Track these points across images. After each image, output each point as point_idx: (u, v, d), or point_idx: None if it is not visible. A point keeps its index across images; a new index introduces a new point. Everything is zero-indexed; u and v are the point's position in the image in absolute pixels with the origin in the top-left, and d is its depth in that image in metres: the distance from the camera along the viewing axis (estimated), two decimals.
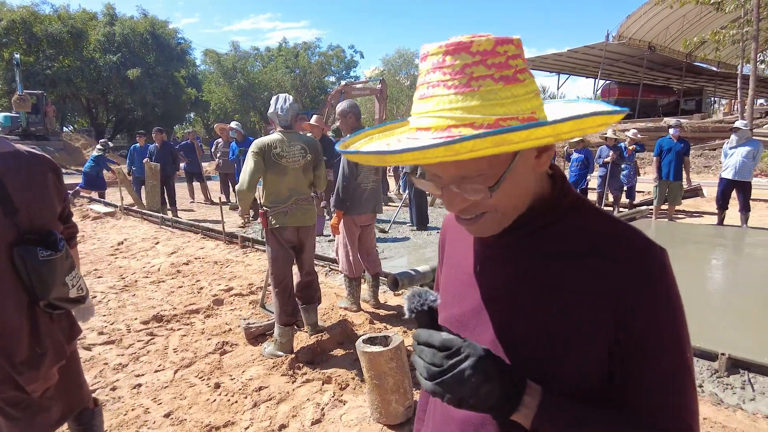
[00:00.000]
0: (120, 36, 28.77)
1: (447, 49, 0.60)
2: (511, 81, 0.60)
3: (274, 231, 3.33)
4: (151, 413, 2.76)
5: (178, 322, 4.04)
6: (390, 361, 2.47)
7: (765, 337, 3.33)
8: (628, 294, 0.63)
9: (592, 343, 0.65)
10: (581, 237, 0.69)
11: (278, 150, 3.28)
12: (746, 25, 16.30)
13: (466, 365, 0.60)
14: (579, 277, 0.66)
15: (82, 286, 1.82)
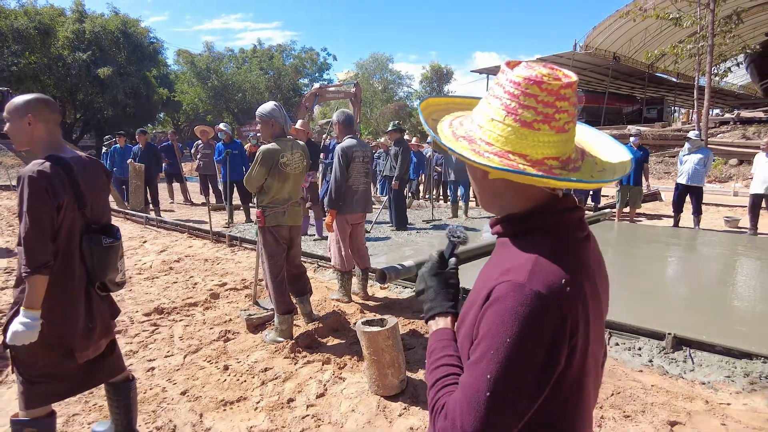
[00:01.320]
0: (90, 33, 28.18)
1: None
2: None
3: (271, 229, 3.63)
4: (168, 392, 3.04)
5: (179, 314, 4.30)
6: (387, 339, 2.84)
7: (704, 319, 3.85)
8: (485, 304, 0.80)
9: (471, 319, 0.84)
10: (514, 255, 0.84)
11: (284, 159, 3.56)
12: (702, 40, 17.32)
13: (421, 271, 1.06)
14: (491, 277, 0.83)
15: (125, 272, 2.17)
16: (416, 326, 3.89)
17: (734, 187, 14.22)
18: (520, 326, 0.73)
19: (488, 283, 0.82)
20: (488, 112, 0.83)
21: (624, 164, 0.87)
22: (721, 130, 19.86)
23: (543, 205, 0.87)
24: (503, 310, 0.75)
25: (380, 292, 4.83)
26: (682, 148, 8.55)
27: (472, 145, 0.83)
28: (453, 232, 1.05)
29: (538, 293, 0.75)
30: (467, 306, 0.89)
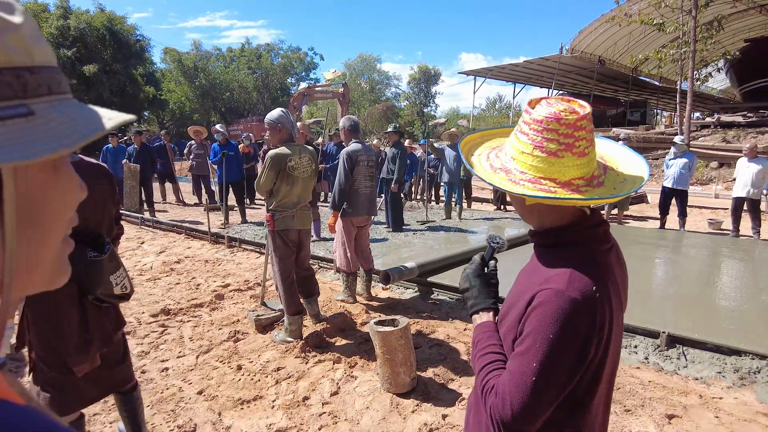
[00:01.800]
0: (75, 30, 27.87)
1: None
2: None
3: (280, 233, 3.73)
4: (185, 391, 3.12)
5: (186, 315, 4.37)
6: (400, 339, 2.96)
7: (695, 318, 4.05)
8: (529, 306, 0.96)
9: (513, 318, 1.02)
10: (551, 264, 1.00)
11: (293, 163, 3.65)
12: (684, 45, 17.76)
13: (467, 271, 1.21)
14: (533, 283, 1.00)
15: (126, 284, 2.06)
16: (421, 326, 4.02)
17: (715, 190, 14.65)
18: (561, 325, 0.90)
19: (531, 288, 0.98)
20: (519, 146, 0.99)
21: (642, 173, 1.03)
22: (702, 134, 20.38)
23: (575, 220, 1.04)
24: (546, 313, 0.92)
25: (383, 292, 4.95)
26: (667, 151, 8.83)
27: (509, 175, 0.99)
28: (493, 239, 1.20)
29: (574, 299, 0.91)
30: (509, 304, 1.07)
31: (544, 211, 1.05)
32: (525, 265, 1.18)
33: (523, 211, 1.09)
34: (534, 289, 0.96)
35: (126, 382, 2.34)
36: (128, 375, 2.36)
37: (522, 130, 0.98)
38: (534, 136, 0.95)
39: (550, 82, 29.10)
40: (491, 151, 1.11)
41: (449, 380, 3.19)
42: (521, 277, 1.12)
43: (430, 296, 4.80)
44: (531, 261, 1.12)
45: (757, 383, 3.11)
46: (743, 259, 6.50)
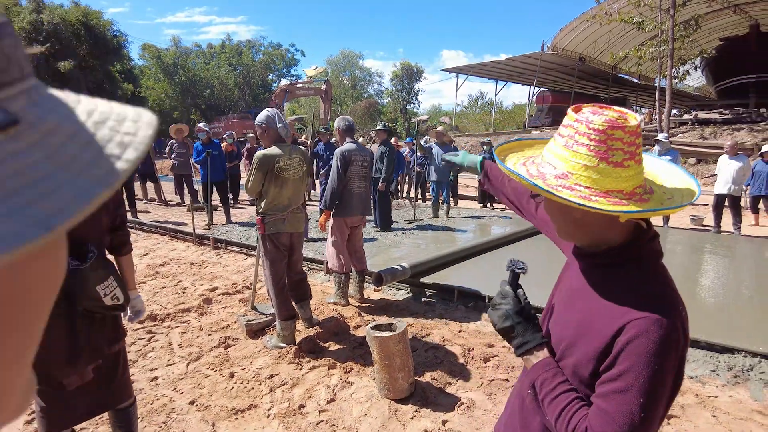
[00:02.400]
0: (48, 25, 27.02)
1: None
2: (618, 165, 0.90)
3: (271, 236, 3.64)
4: (176, 401, 3.02)
5: (174, 321, 4.25)
6: (398, 344, 2.91)
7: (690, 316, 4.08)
8: (618, 336, 0.87)
9: (588, 348, 0.92)
10: (626, 283, 0.93)
11: (281, 164, 3.56)
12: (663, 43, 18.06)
13: (504, 308, 1.06)
14: (606, 307, 0.92)
15: (117, 295, 1.95)
16: (416, 328, 3.98)
17: None
18: (664, 356, 0.85)
19: (608, 317, 0.91)
20: (578, 160, 0.90)
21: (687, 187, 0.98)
22: (680, 131, 20.75)
23: (637, 235, 0.97)
24: (648, 345, 0.85)
25: (375, 294, 4.89)
26: (647, 148, 8.94)
27: (574, 192, 0.90)
28: (516, 264, 1.10)
29: (673, 325, 0.86)
30: (570, 334, 0.98)
31: (602, 227, 0.96)
32: (564, 285, 1.11)
33: (575, 227, 0.98)
34: (618, 319, 0.89)
35: (123, 399, 2.20)
36: (125, 391, 2.22)
37: (579, 141, 0.90)
38: (597, 147, 0.88)
39: (532, 79, 29.35)
40: (527, 159, 1.04)
41: (447, 384, 3.15)
42: (576, 301, 1.02)
43: (422, 297, 4.77)
44: (576, 282, 1.04)
45: (750, 381, 3.14)
46: (726, 255, 6.62)
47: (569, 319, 1.01)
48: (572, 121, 0.92)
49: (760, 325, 3.92)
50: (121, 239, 2.14)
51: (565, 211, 0.97)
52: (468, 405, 2.90)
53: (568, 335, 0.99)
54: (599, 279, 0.99)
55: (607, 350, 0.89)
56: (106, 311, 1.98)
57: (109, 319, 2.06)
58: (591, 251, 1.01)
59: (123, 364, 2.20)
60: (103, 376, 2.08)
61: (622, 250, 0.96)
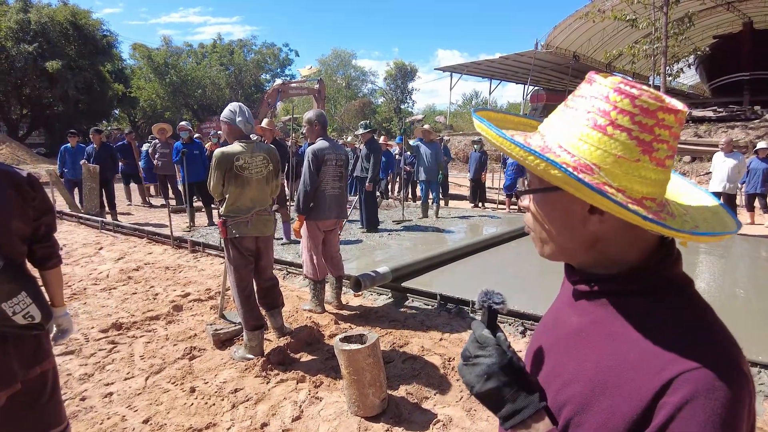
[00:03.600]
0: (36, 24, 26.62)
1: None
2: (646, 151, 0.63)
3: (233, 240, 3.40)
4: (129, 420, 2.78)
5: (139, 329, 4.01)
6: (368, 357, 2.68)
7: None
8: (661, 398, 0.60)
9: (614, 414, 0.63)
10: (656, 323, 0.66)
11: (241, 162, 3.34)
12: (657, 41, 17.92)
13: (485, 362, 0.71)
14: (634, 355, 0.65)
15: (31, 313, 1.71)
16: (394, 337, 3.75)
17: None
18: (738, 418, 0.58)
19: (648, 368, 0.62)
20: (612, 150, 0.63)
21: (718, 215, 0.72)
22: None
23: (661, 255, 0.70)
24: (713, 408, 0.57)
25: (354, 300, 4.66)
26: None
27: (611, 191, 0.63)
28: (491, 298, 0.77)
29: (739, 372, 0.60)
30: (588, 395, 0.67)
31: (621, 244, 0.69)
32: (555, 321, 0.82)
33: (568, 242, 0.72)
34: (660, 372, 0.60)
35: (50, 426, 1.92)
36: (55, 418, 1.93)
37: (618, 123, 0.63)
38: (642, 135, 0.62)
39: (526, 78, 29.19)
40: (518, 134, 0.74)
41: (423, 399, 2.92)
42: (579, 345, 0.73)
43: (404, 303, 4.53)
44: (575, 318, 0.77)
45: None
46: (723, 256, 6.42)
47: (574, 371, 0.71)
48: (606, 90, 0.64)
49: (758, 332, 3.72)
50: (46, 251, 1.86)
51: (572, 220, 0.70)
52: (444, 423, 2.68)
53: (575, 395, 0.69)
54: (614, 313, 0.70)
55: (646, 415, 0.60)
56: (18, 331, 1.73)
57: (27, 340, 1.81)
58: (597, 274, 0.73)
59: (51, 388, 1.94)
60: (23, 403, 1.82)
61: (646, 274, 0.69)
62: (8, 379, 1.71)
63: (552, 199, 0.71)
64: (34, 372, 1.83)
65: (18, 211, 1.72)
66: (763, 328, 3.78)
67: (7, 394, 1.73)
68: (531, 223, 0.77)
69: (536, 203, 0.74)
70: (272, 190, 3.63)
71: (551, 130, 0.70)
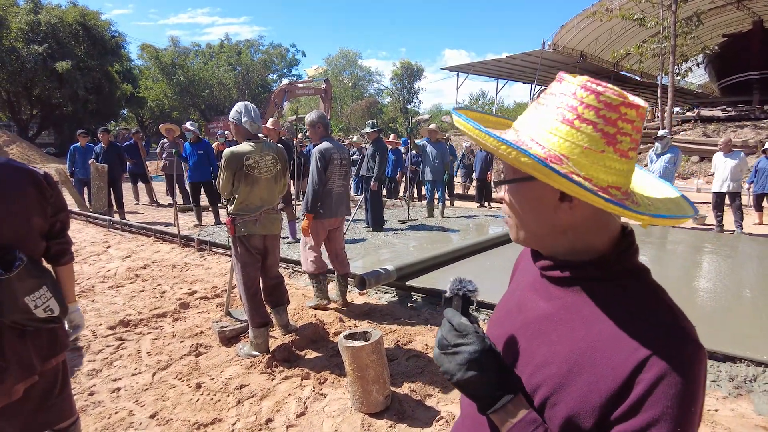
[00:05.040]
0: (46, 25, 26.94)
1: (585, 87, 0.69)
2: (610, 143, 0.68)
3: (242, 238, 3.44)
4: (136, 415, 2.82)
5: (147, 326, 4.05)
6: (371, 354, 2.70)
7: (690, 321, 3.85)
8: (638, 374, 0.65)
9: (591, 391, 0.67)
10: (624, 307, 0.71)
11: (250, 162, 3.38)
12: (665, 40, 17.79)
13: (467, 349, 0.71)
14: (606, 336, 0.69)
15: (51, 307, 1.77)
16: (399, 335, 3.76)
17: (697, 184, 14.68)
18: (700, 389, 0.66)
19: (623, 348, 0.67)
20: (579, 142, 0.68)
21: (680, 205, 0.77)
22: (683, 128, 20.49)
23: (624, 240, 0.76)
24: (684, 384, 0.63)
25: (359, 298, 4.68)
26: (649, 146, 8.72)
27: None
28: (465, 285, 0.78)
29: (699, 346, 0.67)
30: (563, 376, 0.71)
31: (589, 232, 0.74)
32: (520, 307, 0.84)
33: (541, 229, 0.77)
34: (635, 352, 0.66)
35: (61, 418, 1.97)
36: (64, 411, 1.98)
37: (584, 117, 0.68)
38: (607, 128, 0.68)
39: (533, 77, 29.08)
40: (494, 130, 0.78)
41: (426, 396, 2.94)
42: (549, 330, 0.76)
43: (408, 301, 4.55)
44: (543, 304, 0.79)
45: (753, 392, 2.92)
46: (729, 256, 6.38)
47: (548, 354, 0.74)
48: (573, 87, 0.70)
49: (764, 332, 3.69)
50: (60, 248, 1.91)
51: (544, 208, 0.75)
52: (447, 419, 2.69)
53: (550, 376, 0.72)
54: (584, 298, 0.75)
55: (623, 392, 0.65)
56: (38, 324, 1.78)
57: (44, 333, 1.85)
58: (568, 261, 0.77)
59: (62, 381, 1.98)
60: (38, 395, 1.87)
61: (613, 262, 0.74)
62: (27, 371, 1.76)
63: (525, 189, 0.76)
64: (50, 364, 1.88)
65: (38, 207, 1.78)
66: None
67: (25, 386, 1.78)
68: (507, 212, 0.81)
69: (511, 193, 0.79)
70: (280, 189, 3.66)
71: (524, 126, 0.75)
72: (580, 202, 0.70)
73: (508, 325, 0.85)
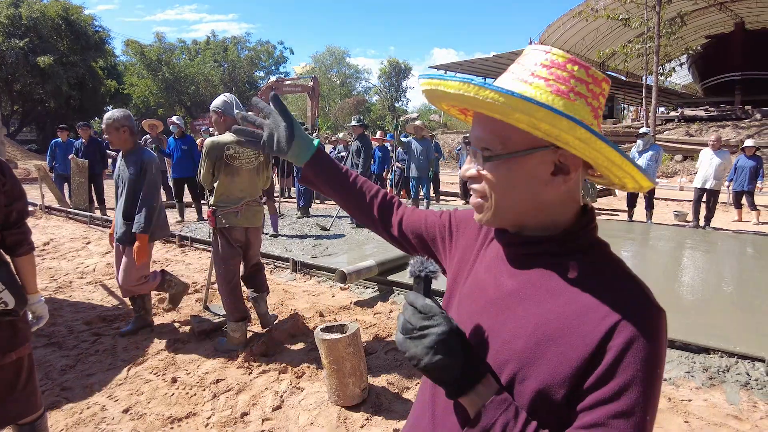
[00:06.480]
0: (27, 19, 26.41)
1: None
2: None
3: (223, 230, 3.40)
4: (109, 410, 2.77)
5: (124, 322, 3.99)
6: (348, 347, 2.68)
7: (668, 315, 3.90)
8: (608, 342, 0.65)
9: (562, 362, 0.67)
10: (589, 276, 0.72)
11: (231, 152, 3.34)
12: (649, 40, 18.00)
13: (434, 331, 0.68)
14: (573, 308, 0.69)
15: (4, 299, 1.75)
16: (378, 329, 3.75)
17: (680, 182, 14.87)
18: (664, 350, 0.68)
19: (591, 318, 0.67)
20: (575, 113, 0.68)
21: None
22: (667, 128, 20.76)
23: (585, 216, 0.77)
24: (651, 348, 0.65)
25: (340, 293, 4.66)
26: (635, 144, 8.81)
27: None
28: (426, 266, 0.74)
29: (660, 309, 0.69)
30: (531, 350, 0.70)
31: (558, 205, 0.74)
32: (480, 285, 0.82)
33: (523, 201, 0.73)
34: (603, 320, 0.66)
35: (26, 412, 1.93)
36: (30, 404, 1.94)
37: (577, 90, 0.69)
38: (593, 102, 0.71)
39: None
40: None
41: (404, 389, 2.93)
42: (514, 306, 0.75)
43: (390, 296, 4.54)
44: (506, 280, 0.78)
45: (726, 383, 2.96)
46: (708, 251, 6.47)
47: (515, 328, 0.72)
48: (562, 60, 0.70)
49: (738, 324, 3.75)
50: (17, 238, 1.86)
51: (535, 183, 0.72)
52: None
53: (518, 351, 0.71)
54: (549, 273, 0.74)
55: (594, 360, 0.65)
56: None
57: (2, 326, 1.81)
58: (533, 237, 0.76)
59: (27, 375, 1.93)
60: (13, 384, 1.84)
61: (578, 236, 0.75)
62: None
63: (519, 163, 0.71)
64: (10, 358, 1.83)
65: None
66: (742, 321, 3.82)
67: None
68: (484, 192, 0.75)
69: (497, 171, 0.73)
70: (263, 182, 3.63)
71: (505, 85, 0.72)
72: (575, 175, 0.72)
73: (468, 306, 0.83)
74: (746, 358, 3.12)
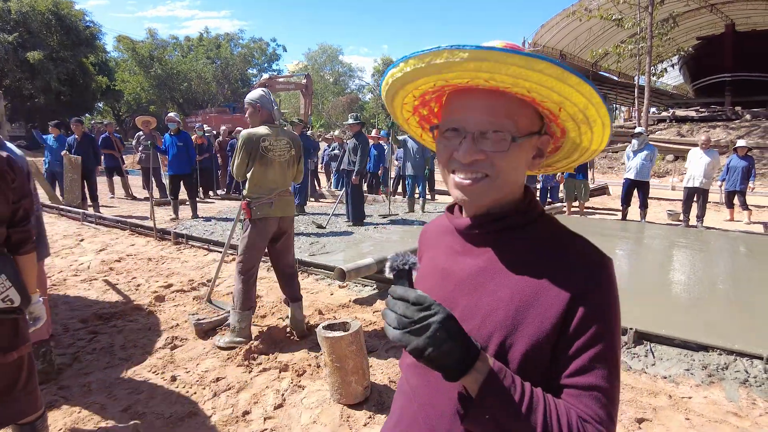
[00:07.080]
0: (16, 14, 26.09)
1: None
2: None
3: (257, 221, 3.42)
4: (108, 409, 2.73)
5: (121, 320, 3.95)
6: (350, 345, 2.67)
7: (662, 313, 3.93)
8: (578, 294, 0.73)
9: (543, 321, 0.73)
10: (546, 242, 0.80)
11: (266, 143, 3.41)
12: (642, 41, 18.13)
13: (435, 320, 0.67)
14: (540, 272, 0.76)
15: (10, 296, 1.73)
16: (378, 327, 3.74)
17: (672, 182, 14.99)
18: (617, 297, 0.77)
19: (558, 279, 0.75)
20: None
21: None
22: (659, 128, 20.92)
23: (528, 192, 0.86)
24: (611, 291, 0.76)
25: (339, 291, 4.64)
26: (626, 144, 8.87)
27: None
28: (407, 258, 0.74)
29: (610, 258, 0.78)
30: (511, 319, 0.75)
31: (521, 185, 0.85)
32: (445, 270, 0.86)
33: (515, 188, 0.83)
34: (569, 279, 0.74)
35: (26, 412, 1.91)
36: (30, 404, 1.92)
37: None
38: None
39: None
40: None
41: None
42: (485, 282, 0.79)
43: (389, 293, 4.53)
44: (471, 261, 0.82)
45: (725, 380, 2.98)
46: (702, 250, 6.53)
47: (491, 302, 0.77)
48: None
49: (735, 322, 3.79)
50: (22, 236, 1.83)
51: (524, 165, 0.81)
52: None
53: (500, 321, 0.75)
54: (507, 246, 0.81)
55: (570, 313, 0.73)
56: None
57: (5, 324, 1.78)
58: (490, 216, 0.83)
59: (27, 375, 1.90)
60: (12, 386, 1.82)
61: (529, 210, 0.84)
62: None
63: (523, 146, 0.78)
64: (11, 357, 1.80)
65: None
66: (739, 319, 3.86)
67: None
68: (494, 172, 0.77)
69: (513, 151, 0.76)
70: (293, 174, 3.69)
71: None
72: (544, 159, 0.85)
73: (438, 291, 0.84)
74: (744, 355, 3.14)
